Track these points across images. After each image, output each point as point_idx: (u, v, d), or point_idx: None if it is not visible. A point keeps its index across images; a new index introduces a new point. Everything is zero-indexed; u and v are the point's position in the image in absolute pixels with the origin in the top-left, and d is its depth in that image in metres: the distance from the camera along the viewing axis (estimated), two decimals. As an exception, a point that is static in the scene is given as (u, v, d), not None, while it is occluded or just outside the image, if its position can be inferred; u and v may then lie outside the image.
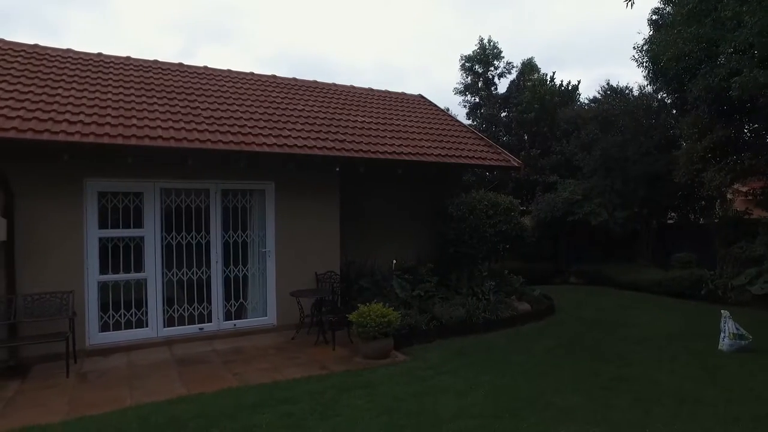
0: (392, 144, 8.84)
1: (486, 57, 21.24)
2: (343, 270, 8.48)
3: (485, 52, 21.20)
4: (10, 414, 4.89)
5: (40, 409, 4.98)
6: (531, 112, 18.37)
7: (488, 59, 21.27)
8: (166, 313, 7.34)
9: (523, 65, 20.94)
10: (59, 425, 4.54)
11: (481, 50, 21.21)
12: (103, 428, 4.45)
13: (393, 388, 5.42)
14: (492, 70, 21.50)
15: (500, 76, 21.60)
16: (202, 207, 7.56)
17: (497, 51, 21.24)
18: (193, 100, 8.23)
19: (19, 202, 6.34)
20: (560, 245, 15.63)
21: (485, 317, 8.19)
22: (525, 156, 17.21)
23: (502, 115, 20.67)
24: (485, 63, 21.34)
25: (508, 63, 21.41)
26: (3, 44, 8.37)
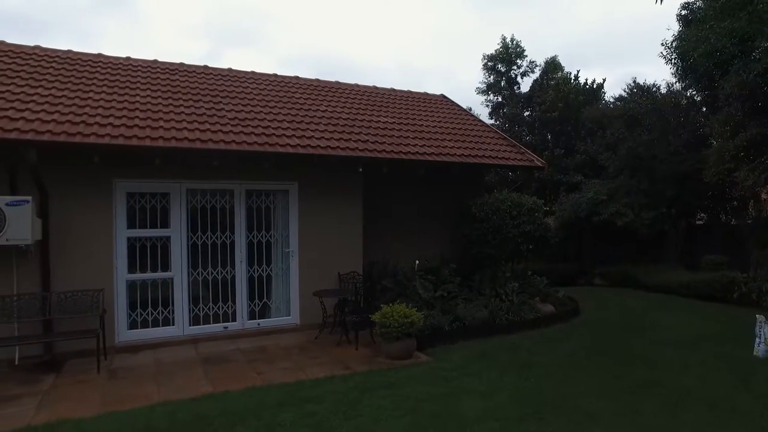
0: (415, 144, 8.83)
1: (509, 56, 21.03)
2: (366, 270, 8.50)
3: (508, 51, 20.99)
4: (46, 407, 5.06)
5: (73, 403, 5.13)
6: (555, 111, 18.11)
7: (511, 58, 21.06)
8: (191, 311, 7.47)
9: (547, 64, 20.66)
10: (92, 419, 4.67)
11: (504, 49, 21.01)
12: (133, 424, 4.55)
13: (416, 389, 5.41)
14: (515, 69, 21.28)
15: (523, 75, 21.36)
16: (227, 207, 7.67)
17: (520, 50, 21.01)
18: (217, 102, 8.35)
19: (53, 203, 6.54)
20: (584, 246, 15.38)
21: (508, 318, 8.12)
22: (548, 156, 16.98)
23: (525, 115, 20.43)
24: (508, 62, 21.13)
25: (531, 62, 21.16)
26: (40, 51, 8.65)
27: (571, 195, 15.02)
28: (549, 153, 17.37)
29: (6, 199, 5.95)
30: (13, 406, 5.10)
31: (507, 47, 21.01)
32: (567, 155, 17.48)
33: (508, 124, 20.21)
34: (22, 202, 6.01)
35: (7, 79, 7.26)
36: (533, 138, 19.21)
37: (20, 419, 4.75)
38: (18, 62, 7.98)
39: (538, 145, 18.14)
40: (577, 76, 19.63)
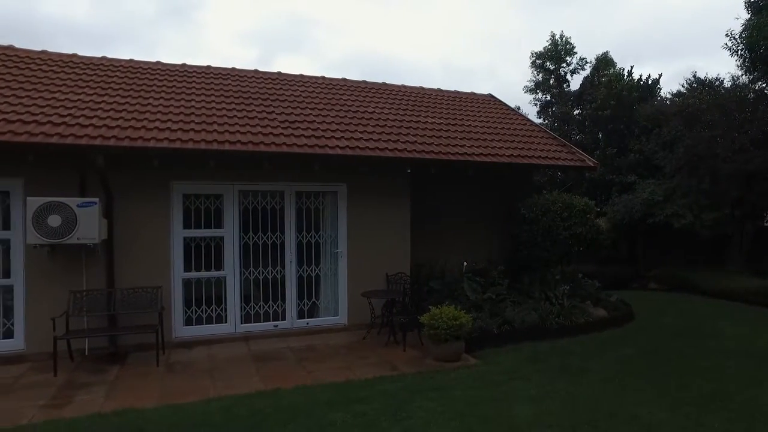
0: (463, 145, 8.75)
1: (558, 53, 20.55)
2: (413, 271, 8.49)
3: (557, 48, 20.51)
4: (113, 396, 5.37)
5: (136, 393, 5.40)
6: (606, 108, 17.53)
7: (560, 55, 20.57)
8: (243, 310, 7.68)
9: (598, 60, 20.06)
10: (153, 410, 4.89)
11: (553, 46, 20.55)
12: (191, 416, 4.73)
13: (465, 392, 5.36)
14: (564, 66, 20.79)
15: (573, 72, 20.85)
16: (277, 208, 7.85)
17: (570, 47, 20.50)
18: (268, 105, 8.57)
19: (117, 204, 6.89)
20: (638, 249, 14.80)
21: (559, 322, 7.91)
22: (600, 155, 16.46)
23: (575, 113, 19.90)
24: (557, 59, 20.66)
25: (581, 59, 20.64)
26: (106, 61, 9.17)
27: (624, 196, 14.49)
28: (600, 152, 16.84)
29: (77, 200, 6.32)
30: (85, 393, 5.45)
31: (556, 44, 20.53)
32: (620, 154, 16.89)
33: (557, 123, 19.75)
34: (90, 203, 6.37)
35: (78, 89, 7.73)
36: (583, 137, 18.68)
37: (92, 406, 5.07)
38: (88, 72, 8.48)
39: (588, 145, 17.63)
40: (630, 72, 18.94)
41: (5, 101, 6.80)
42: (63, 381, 5.83)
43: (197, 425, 4.53)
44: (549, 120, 20.49)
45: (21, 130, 6.15)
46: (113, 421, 4.64)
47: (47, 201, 6.21)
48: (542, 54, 20.80)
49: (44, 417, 4.82)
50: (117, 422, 4.62)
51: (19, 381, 5.88)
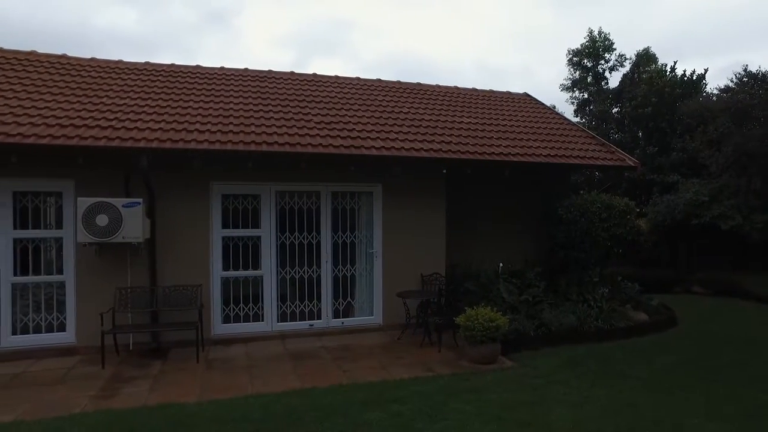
0: (499, 145, 8.65)
1: (596, 50, 20.06)
2: (448, 272, 8.45)
3: (595, 44, 20.02)
4: (157, 389, 5.56)
5: (178, 388, 5.57)
6: (647, 106, 16.98)
7: (598, 52, 20.07)
8: (279, 308, 7.81)
9: (638, 56, 19.46)
10: (194, 405, 5.03)
11: (591, 43, 20.06)
12: (230, 412, 4.83)
13: (502, 395, 5.30)
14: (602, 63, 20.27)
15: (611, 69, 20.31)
16: (314, 209, 7.94)
17: (608, 43, 19.97)
18: (304, 107, 8.68)
19: (159, 204, 7.11)
20: (681, 251, 14.27)
21: (597, 326, 7.73)
22: (640, 154, 15.97)
23: (614, 111, 19.37)
24: (595, 56, 20.16)
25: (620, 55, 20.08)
26: (149, 66, 9.48)
27: (666, 196, 14.01)
28: (641, 151, 16.34)
29: (122, 201, 6.56)
30: (131, 386, 5.68)
31: (594, 41, 20.05)
32: (661, 153, 16.34)
33: (594, 122, 19.28)
34: (135, 203, 6.60)
35: (123, 93, 8.03)
36: (623, 136, 18.17)
37: (137, 399, 5.27)
38: (132, 77, 8.79)
39: (628, 144, 17.13)
40: (673, 68, 18.30)
41: (59, 107, 7.13)
42: (110, 374, 6.08)
43: (237, 421, 4.63)
44: (586, 119, 20.02)
45: (72, 134, 6.43)
46: (158, 415, 4.79)
47: (95, 201, 6.47)
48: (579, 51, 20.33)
49: (95, 407, 5.04)
50: (161, 415, 4.77)
51: (71, 372, 6.18)
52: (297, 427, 4.51)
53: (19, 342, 6.76)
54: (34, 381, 5.87)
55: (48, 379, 5.91)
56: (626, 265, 12.31)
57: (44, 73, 8.29)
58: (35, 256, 6.92)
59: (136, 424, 4.57)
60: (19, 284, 6.82)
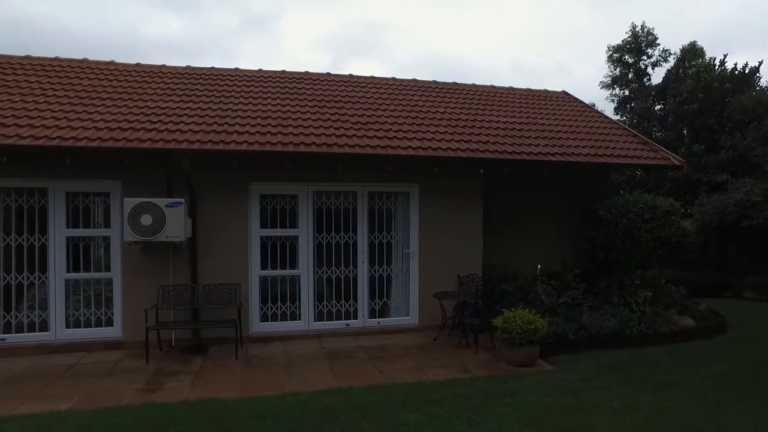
0: (537, 144, 8.49)
1: (638, 45, 19.43)
2: (485, 273, 8.35)
3: (637, 40, 19.40)
4: (198, 385, 5.72)
5: (218, 384, 5.70)
6: (693, 102, 16.29)
7: (640, 48, 19.43)
8: (316, 308, 7.89)
9: (684, 51, 18.70)
10: (235, 401, 5.14)
11: (633, 38, 19.45)
12: (269, 409, 4.90)
13: (541, 399, 5.19)
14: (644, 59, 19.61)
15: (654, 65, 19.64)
16: (350, 209, 7.99)
17: (652, 38, 19.31)
18: (341, 107, 8.75)
19: (199, 204, 7.30)
20: (730, 254, 13.64)
21: (640, 330, 7.48)
22: (685, 152, 15.37)
23: (657, 108, 18.71)
24: (637, 52, 19.53)
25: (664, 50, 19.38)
26: (190, 70, 9.76)
27: (714, 196, 13.42)
28: (686, 149, 15.72)
29: (165, 201, 6.76)
30: (173, 381, 5.86)
31: (636, 36, 19.43)
32: (708, 152, 15.66)
33: (636, 120, 18.68)
34: (177, 203, 6.79)
35: (166, 96, 8.29)
36: (666, 134, 17.53)
37: (180, 393, 5.44)
38: (174, 81, 9.07)
39: (671, 142, 16.50)
40: (723, 62, 17.46)
41: (107, 111, 7.42)
42: (154, 368, 6.28)
43: (275, 418, 4.69)
44: (627, 116, 19.42)
45: (119, 137, 6.68)
46: (199, 409, 4.92)
47: (140, 201, 6.69)
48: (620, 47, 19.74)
49: (141, 400, 5.23)
50: (202, 410, 4.89)
51: (118, 365, 6.43)
52: (334, 426, 4.53)
53: (72, 335, 7.07)
54: (85, 372, 6.16)
55: (98, 371, 6.17)
56: (670, 268, 11.86)
57: (94, 79, 8.66)
58: (85, 254, 7.22)
59: (180, 417, 4.70)
60: (72, 280, 7.13)
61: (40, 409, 4.98)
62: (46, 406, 5.04)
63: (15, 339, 6.94)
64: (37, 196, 7.04)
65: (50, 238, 7.03)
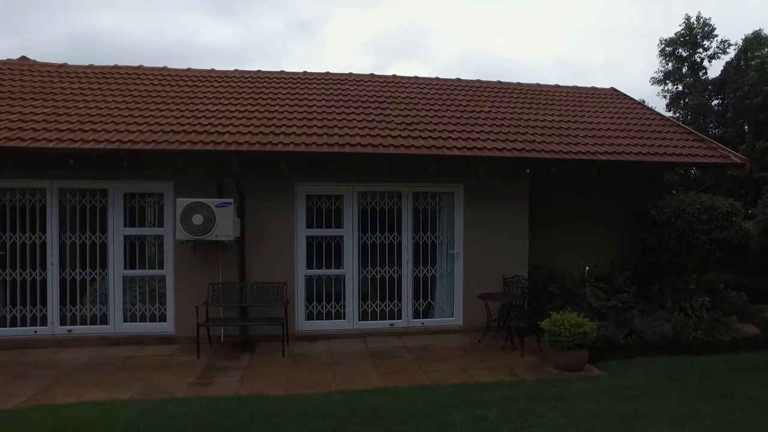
0: (585, 143, 8.25)
1: (693, 38, 18.52)
2: (531, 274, 8.19)
3: (692, 32, 18.50)
4: (247, 381, 5.88)
5: (266, 381, 5.84)
6: (757, 96, 15.32)
7: (696, 40, 18.52)
8: (360, 307, 7.94)
9: (746, 41, 17.61)
10: (282, 398, 5.25)
11: (687, 31, 18.57)
12: (315, 407, 4.97)
13: (591, 405, 5.04)
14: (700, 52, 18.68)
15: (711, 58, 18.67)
16: (395, 209, 8.00)
17: (708, 29, 18.35)
18: (385, 108, 8.78)
19: (247, 205, 7.48)
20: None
21: (697, 337, 7.15)
22: (747, 150, 14.55)
23: (714, 104, 17.82)
24: (692, 44, 18.62)
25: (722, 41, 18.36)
26: (237, 73, 10.06)
27: (779, 196, 12.67)
28: (747, 147, 14.88)
29: (216, 201, 6.98)
30: (223, 376, 6.05)
31: (691, 28, 18.54)
32: (773, 148, 14.77)
33: (690, 116, 17.84)
34: (226, 204, 7.00)
35: (216, 99, 8.57)
36: (724, 130, 16.66)
37: (230, 388, 5.61)
38: (223, 84, 9.36)
39: (730, 138, 15.67)
40: (791, 52, 16.40)
41: (161, 114, 7.75)
42: (204, 363, 6.49)
43: (322, 416, 4.75)
44: (681, 113, 18.59)
45: (173, 140, 6.96)
46: (248, 404, 5.05)
47: (192, 201, 6.93)
48: (674, 40, 18.88)
49: (193, 393, 5.44)
50: (251, 405, 5.02)
51: (171, 359, 6.70)
52: (379, 426, 4.55)
53: (129, 329, 7.42)
54: (142, 365, 6.45)
55: (153, 364, 6.45)
56: (730, 272, 11.27)
57: (149, 85, 9.05)
58: (141, 252, 7.55)
59: (230, 411, 4.83)
60: (128, 277, 7.48)
61: (104, 397, 5.29)
62: (109, 395, 5.34)
63: (79, 331, 7.35)
64: (98, 196, 7.42)
65: (110, 237, 7.40)
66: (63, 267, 7.37)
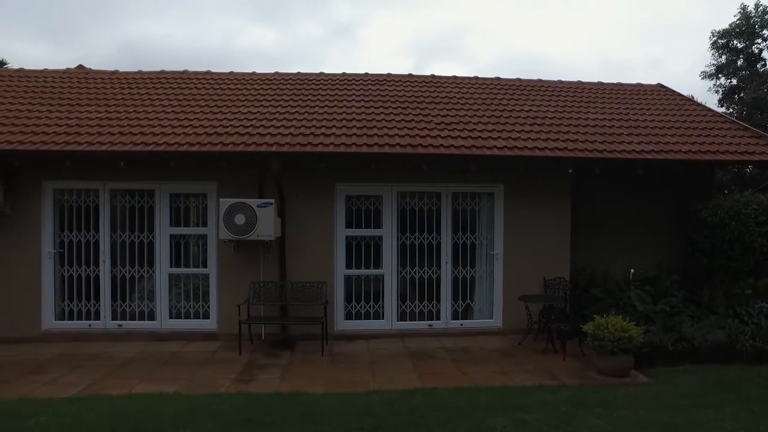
0: (630, 141, 7.98)
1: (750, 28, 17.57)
2: (573, 276, 7.99)
3: (749, 21, 17.57)
4: (287, 378, 5.98)
5: (306, 379, 5.92)
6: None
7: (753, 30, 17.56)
8: (399, 308, 7.94)
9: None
10: (322, 396, 5.31)
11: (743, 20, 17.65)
12: (355, 406, 5.00)
13: (637, 413, 4.87)
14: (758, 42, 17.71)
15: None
16: (434, 209, 7.96)
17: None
18: (424, 108, 8.76)
19: (288, 205, 7.61)
20: None
21: (754, 345, 6.75)
22: (808, 146, 13.71)
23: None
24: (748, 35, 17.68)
25: (784, 29, 17.36)
26: (278, 76, 10.24)
27: None
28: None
29: (257, 201, 7.13)
30: (264, 373, 6.18)
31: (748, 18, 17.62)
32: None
33: (746, 111, 16.97)
34: (267, 204, 7.14)
35: (257, 102, 8.77)
36: (784, 126, 15.78)
37: (271, 385, 5.72)
38: (264, 87, 9.56)
39: (789, 135, 14.81)
40: None
41: (205, 117, 8.00)
42: (246, 360, 6.65)
43: (362, 415, 4.77)
44: (735, 108, 17.71)
45: (216, 141, 7.17)
46: (289, 401, 5.14)
47: (234, 202, 7.10)
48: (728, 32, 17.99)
49: (236, 389, 5.58)
50: (292, 403, 5.10)
51: (214, 355, 6.89)
52: (419, 426, 4.54)
53: (175, 325, 7.68)
54: (186, 360, 6.67)
55: (197, 360, 6.65)
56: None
57: (193, 89, 9.35)
58: (185, 251, 7.80)
59: (272, 408, 4.92)
60: (174, 275, 7.74)
61: (152, 389, 5.50)
62: (157, 388, 5.55)
63: (129, 326, 7.67)
64: (146, 197, 7.72)
65: (156, 236, 7.68)
66: (114, 264, 7.70)
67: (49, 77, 9.85)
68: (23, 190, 7.45)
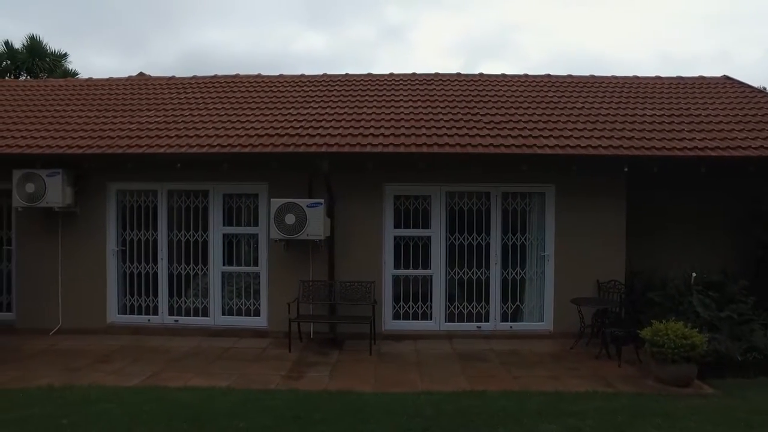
0: (692, 138, 7.58)
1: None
2: (628, 280, 7.66)
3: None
4: (336, 377, 6.04)
5: (354, 378, 5.95)
6: None
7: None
8: (447, 308, 7.87)
9: None
10: (371, 395, 5.32)
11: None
12: (403, 406, 4.97)
13: (703, 426, 4.58)
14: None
15: None
16: (483, 209, 7.84)
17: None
18: (472, 107, 8.65)
19: (337, 205, 7.69)
20: None
21: (838, 358, 6.28)
22: None
23: None
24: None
25: None
26: (326, 77, 10.40)
27: None
28: None
29: (307, 201, 7.25)
30: (313, 371, 6.27)
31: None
32: None
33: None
34: (317, 204, 7.24)
35: (306, 103, 8.94)
36: None
37: (320, 383, 5.79)
38: (312, 89, 9.74)
39: None
40: None
41: (256, 119, 8.23)
42: (295, 358, 6.76)
43: (409, 415, 4.74)
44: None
45: (267, 143, 7.37)
46: (338, 400, 5.17)
47: (285, 202, 7.24)
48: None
49: (286, 386, 5.68)
50: (341, 401, 5.13)
51: (265, 352, 7.04)
52: (468, 429, 4.48)
53: (227, 321, 7.93)
54: (238, 356, 6.85)
55: (248, 356, 6.82)
56: None
57: (245, 92, 9.64)
58: (237, 249, 8.04)
59: (321, 406, 4.98)
60: (226, 273, 8.00)
61: (206, 383, 5.68)
62: (211, 382, 5.73)
63: (184, 321, 7.98)
64: (200, 197, 8.00)
65: (210, 235, 7.95)
66: (171, 262, 8.04)
67: (113, 85, 10.44)
68: (90, 191, 7.90)
